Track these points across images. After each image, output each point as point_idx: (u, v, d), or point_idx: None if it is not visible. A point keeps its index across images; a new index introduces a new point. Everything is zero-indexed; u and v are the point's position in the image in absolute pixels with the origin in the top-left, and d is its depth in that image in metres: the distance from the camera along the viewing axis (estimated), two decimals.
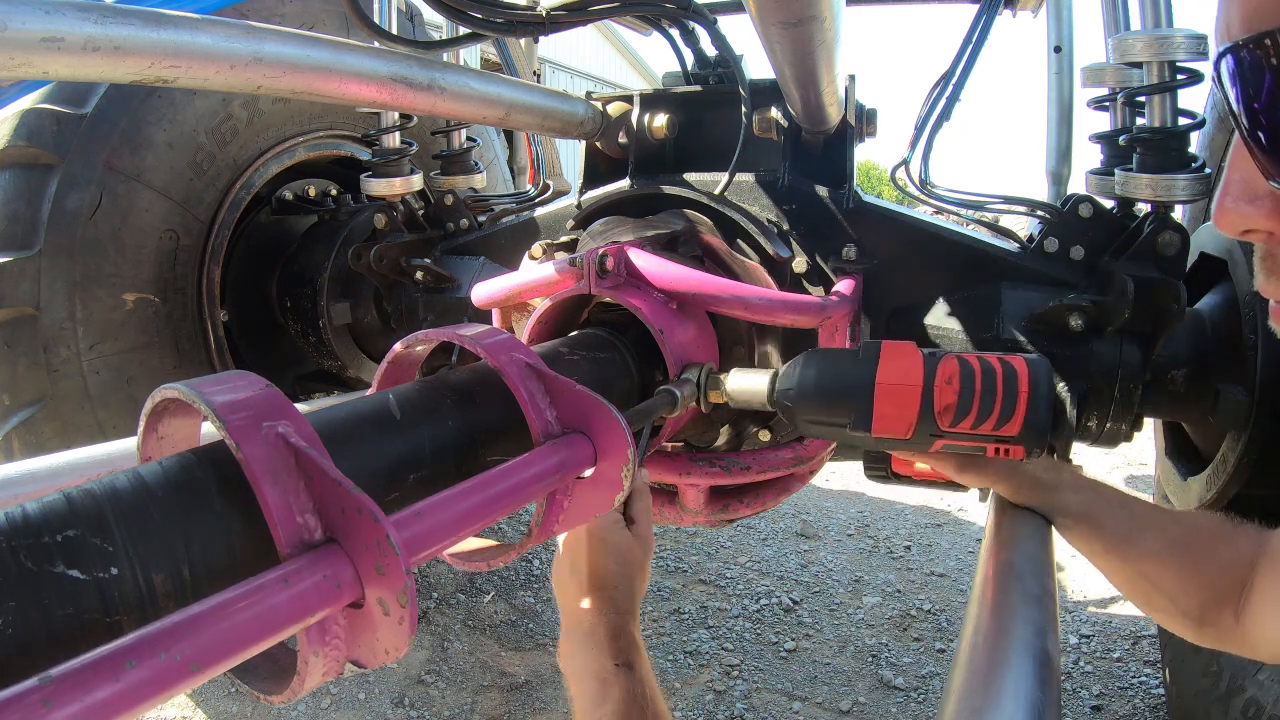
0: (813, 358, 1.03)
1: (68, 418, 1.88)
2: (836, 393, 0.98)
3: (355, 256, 1.87)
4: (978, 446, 0.93)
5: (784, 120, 1.47)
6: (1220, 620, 0.91)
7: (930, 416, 0.92)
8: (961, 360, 0.94)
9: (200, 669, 0.45)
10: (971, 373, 0.93)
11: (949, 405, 0.91)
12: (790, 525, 3.33)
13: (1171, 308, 1.28)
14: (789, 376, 1.02)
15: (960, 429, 0.92)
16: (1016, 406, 0.90)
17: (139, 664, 0.42)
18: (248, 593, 0.49)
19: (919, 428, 0.93)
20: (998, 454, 0.93)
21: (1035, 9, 2.14)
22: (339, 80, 1.17)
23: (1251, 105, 0.47)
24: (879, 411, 0.94)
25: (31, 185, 1.83)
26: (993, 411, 0.90)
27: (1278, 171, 0.47)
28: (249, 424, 0.54)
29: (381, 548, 0.52)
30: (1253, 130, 0.47)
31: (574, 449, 0.76)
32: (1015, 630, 0.83)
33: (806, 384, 1.00)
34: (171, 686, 0.44)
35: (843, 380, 0.98)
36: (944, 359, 0.95)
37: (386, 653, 0.55)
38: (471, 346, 0.79)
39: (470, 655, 2.40)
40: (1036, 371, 0.93)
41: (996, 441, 0.92)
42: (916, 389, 0.93)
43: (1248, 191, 0.49)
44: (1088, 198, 1.42)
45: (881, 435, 0.95)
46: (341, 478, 0.53)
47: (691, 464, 1.33)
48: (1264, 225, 0.50)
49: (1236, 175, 0.50)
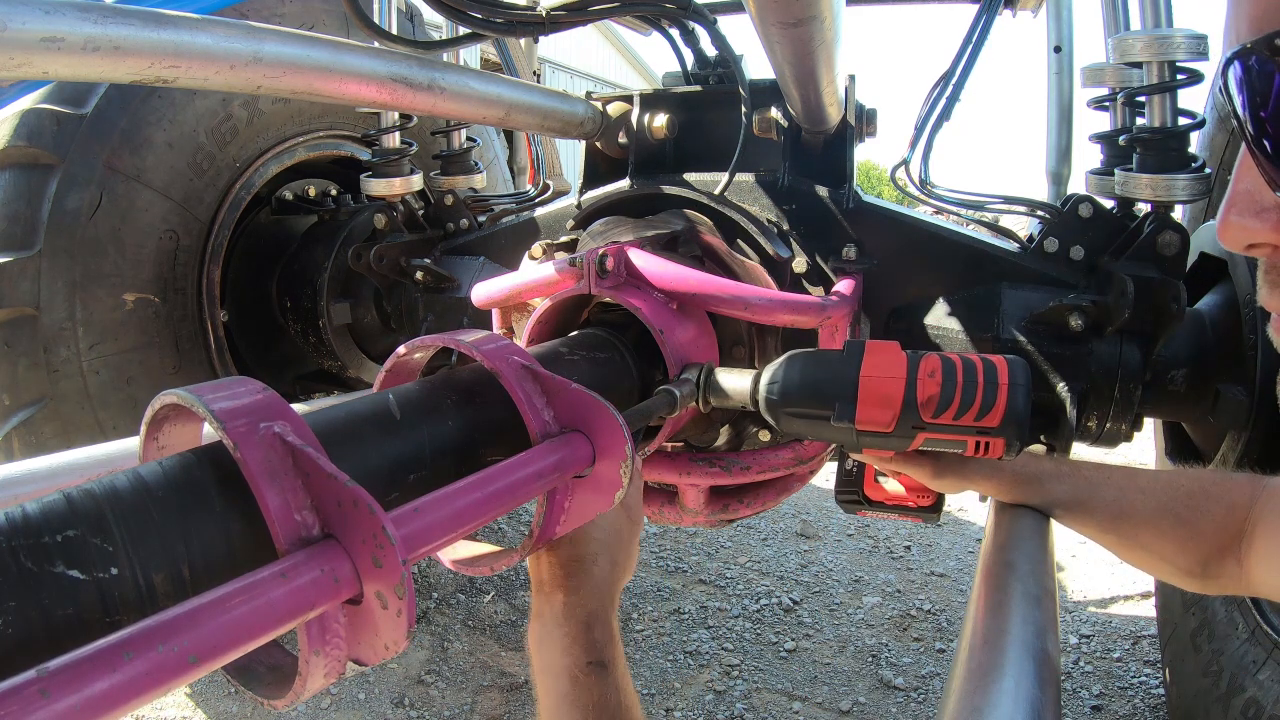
0: (796, 356, 1.05)
1: (68, 418, 1.88)
2: (820, 387, 0.99)
3: (355, 256, 1.87)
4: (959, 440, 0.94)
5: (784, 120, 1.47)
6: (1223, 571, 0.92)
7: (913, 408, 0.94)
8: (943, 357, 0.97)
9: (198, 662, 0.45)
10: (953, 367, 0.95)
11: (931, 396, 0.93)
12: (790, 525, 3.33)
13: (1171, 308, 1.28)
14: (773, 374, 1.03)
15: (943, 420, 0.93)
16: (997, 398, 0.91)
17: (136, 656, 0.42)
18: (245, 587, 0.49)
19: (902, 419, 0.95)
20: (978, 450, 0.94)
21: (1035, 9, 2.14)
22: (339, 80, 1.17)
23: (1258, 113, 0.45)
24: (863, 403, 0.96)
25: (31, 185, 1.83)
26: (974, 402, 0.92)
27: None
28: (247, 425, 0.54)
29: (378, 539, 0.52)
30: (1259, 139, 0.45)
31: (572, 447, 0.76)
32: (1015, 630, 0.83)
33: (790, 379, 1.01)
34: (169, 679, 0.44)
35: (827, 375, 1.00)
36: (926, 355, 0.97)
37: (386, 648, 0.55)
38: (469, 351, 0.79)
39: (470, 655, 2.40)
40: (1015, 366, 0.95)
41: (978, 434, 0.93)
42: (900, 380, 0.95)
43: (1253, 204, 0.47)
44: (1088, 198, 1.42)
45: (865, 428, 0.96)
46: (337, 472, 0.53)
47: (691, 464, 1.33)
48: (1269, 239, 0.48)
49: (1242, 187, 0.48)
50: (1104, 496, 1.01)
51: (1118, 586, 2.86)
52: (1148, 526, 0.97)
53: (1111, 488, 1.01)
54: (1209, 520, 0.93)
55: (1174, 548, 0.95)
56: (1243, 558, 0.90)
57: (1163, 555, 0.97)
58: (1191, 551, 0.94)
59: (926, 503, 1.23)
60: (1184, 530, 0.94)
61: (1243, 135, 0.47)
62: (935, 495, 1.23)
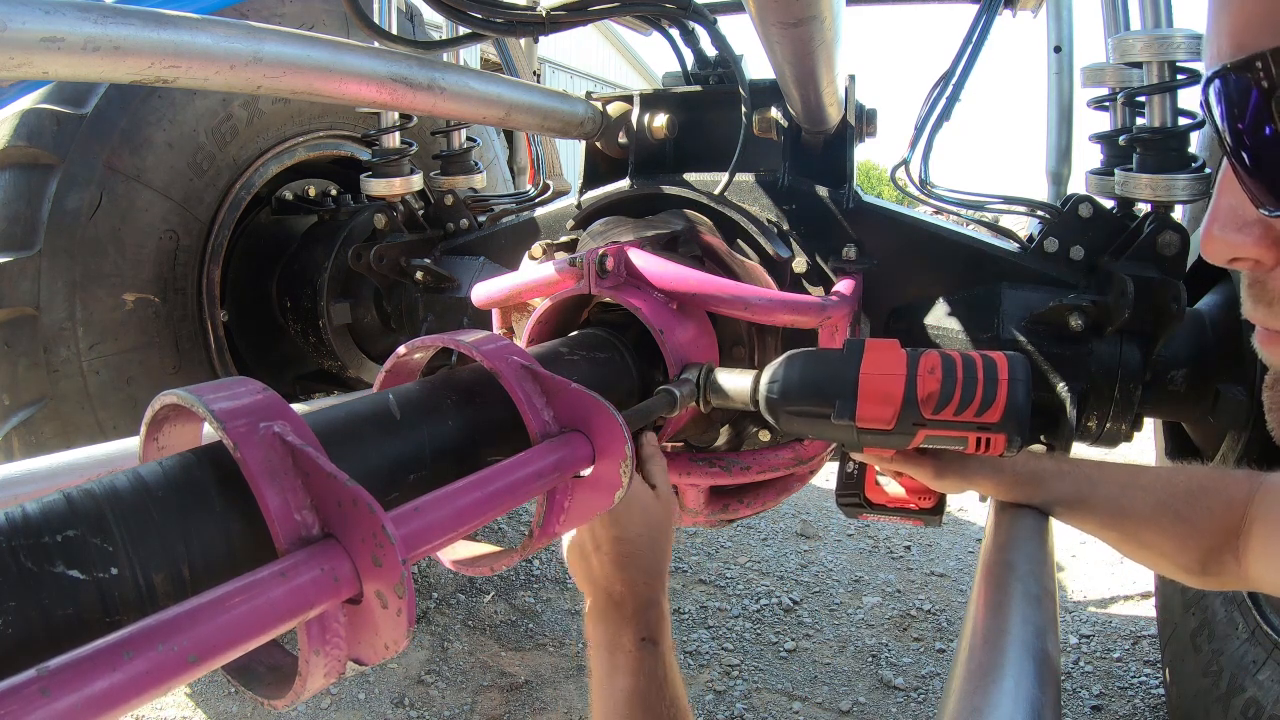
0: (797, 355, 1.05)
1: (68, 418, 1.88)
2: (820, 385, 0.99)
3: (355, 256, 1.87)
4: (960, 437, 0.94)
5: (784, 120, 1.47)
6: (1222, 568, 0.93)
7: (914, 404, 0.94)
8: (943, 353, 0.97)
9: (199, 661, 0.45)
10: (953, 363, 0.95)
11: (932, 393, 0.93)
12: (790, 525, 3.33)
13: (1171, 308, 1.28)
14: (773, 373, 1.03)
15: (943, 416, 0.93)
16: (998, 393, 0.91)
17: (137, 655, 0.43)
18: (245, 586, 0.49)
19: (902, 416, 0.94)
20: (979, 447, 0.93)
21: (1035, 9, 2.14)
22: (339, 80, 1.17)
23: (1236, 127, 0.46)
24: (863, 400, 0.95)
25: (31, 185, 1.83)
26: (974, 398, 0.92)
27: (1266, 198, 0.46)
28: (247, 425, 0.54)
29: (378, 539, 0.52)
30: (1237, 153, 0.46)
31: (572, 447, 0.76)
32: (1015, 630, 0.83)
33: (791, 378, 1.01)
34: (170, 678, 0.44)
35: (827, 373, 0.99)
36: (926, 352, 0.97)
37: (386, 647, 0.55)
38: (468, 351, 0.79)
39: (470, 655, 2.40)
40: (1015, 362, 0.95)
41: (979, 430, 0.93)
42: (900, 377, 0.95)
43: (1235, 219, 0.48)
44: (1088, 198, 1.42)
45: (865, 425, 0.96)
46: (337, 471, 0.53)
47: (691, 464, 1.33)
48: (1251, 253, 0.48)
49: (1224, 202, 0.49)
50: (1105, 494, 1.01)
51: (1118, 586, 2.86)
52: (1148, 524, 0.98)
53: (1112, 485, 1.02)
54: (1208, 517, 0.93)
55: (1174, 544, 0.96)
56: (1240, 554, 0.91)
57: (1163, 552, 0.98)
58: (1191, 548, 0.95)
59: (928, 504, 1.23)
60: (1184, 527, 0.95)
61: (1224, 150, 0.47)
62: (936, 497, 1.22)
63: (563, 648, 2.46)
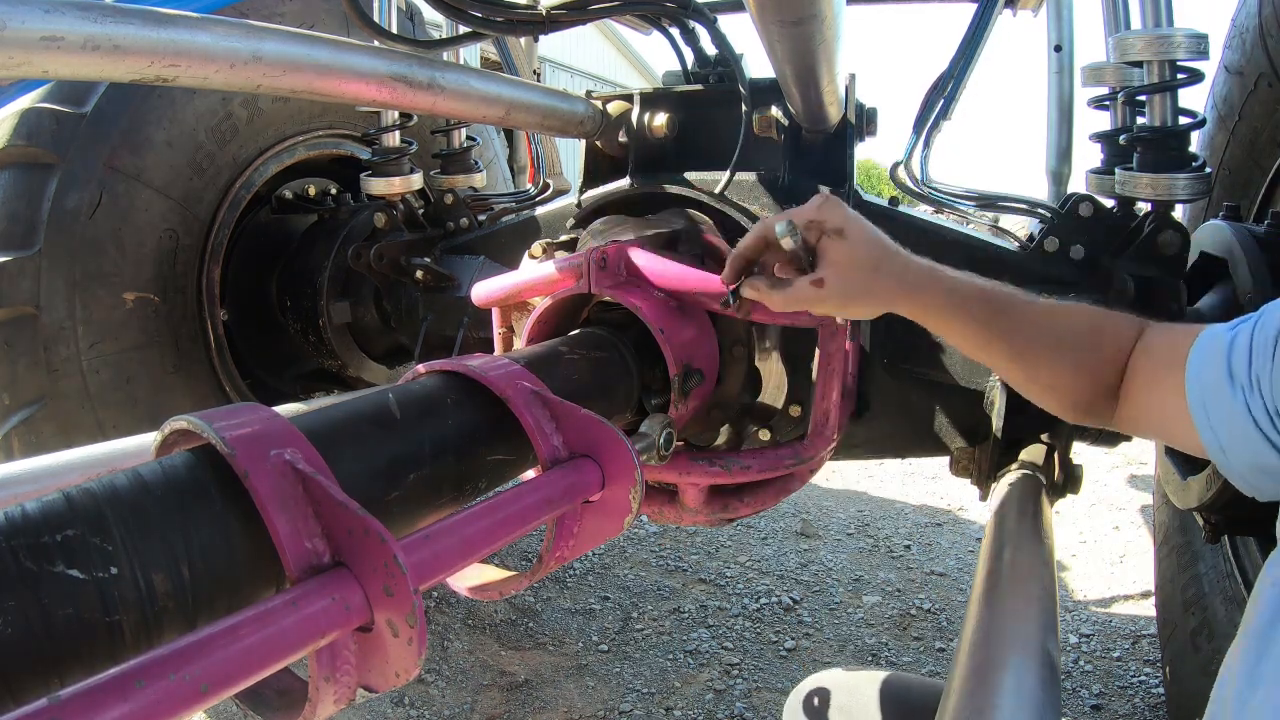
0: None
1: (68, 417, 1.88)
2: None
3: (355, 255, 1.87)
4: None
5: (784, 119, 1.47)
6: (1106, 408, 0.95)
7: None
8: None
9: (210, 690, 0.45)
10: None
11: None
12: (790, 524, 3.33)
13: (1171, 307, 1.28)
14: None
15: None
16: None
17: (148, 684, 0.43)
18: (256, 615, 0.49)
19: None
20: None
21: (1035, 8, 2.14)
22: (339, 79, 1.17)
23: None
24: None
25: (31, 185, 1.82)
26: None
27: None
28: (257, 453, 0.54)
29: (389, 568, 0.52)
30: None
31: (581, 473, 0.76)
32: (1015, 630, 0.83)
33: None
34: (182, 708, 0.44)
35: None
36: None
37: (396, 675, 0.55)
38: (478, 377, 0.79)
39: (470, 655, 2.40)
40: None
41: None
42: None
43: None
44: (1088, 197, 1.42)
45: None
46: (348, 500, 0.53)
47: (691, 463, 1.32)
48: None
49: None
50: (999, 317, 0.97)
51: (1118, 586, 2.86)
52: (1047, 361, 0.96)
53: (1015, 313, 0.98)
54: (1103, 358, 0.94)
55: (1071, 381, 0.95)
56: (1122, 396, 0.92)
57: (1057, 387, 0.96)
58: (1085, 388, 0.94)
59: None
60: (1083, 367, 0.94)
61: None
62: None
63: (563, 647, 2.46)
